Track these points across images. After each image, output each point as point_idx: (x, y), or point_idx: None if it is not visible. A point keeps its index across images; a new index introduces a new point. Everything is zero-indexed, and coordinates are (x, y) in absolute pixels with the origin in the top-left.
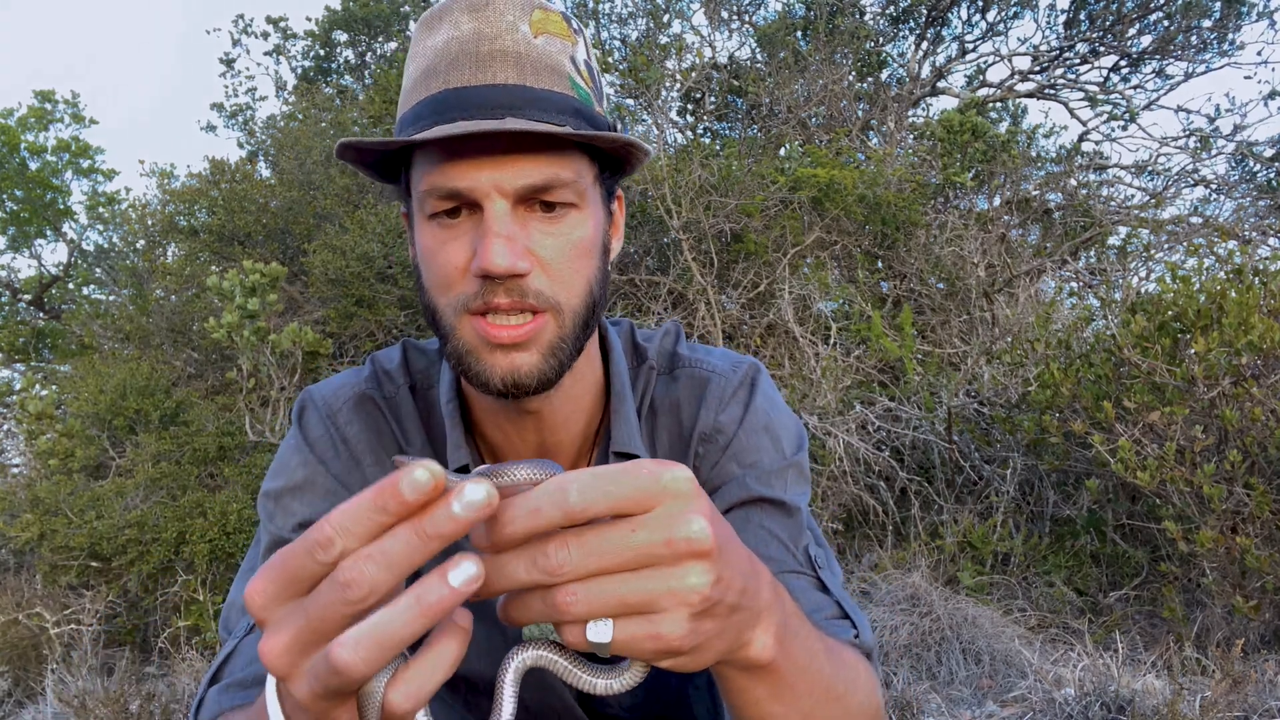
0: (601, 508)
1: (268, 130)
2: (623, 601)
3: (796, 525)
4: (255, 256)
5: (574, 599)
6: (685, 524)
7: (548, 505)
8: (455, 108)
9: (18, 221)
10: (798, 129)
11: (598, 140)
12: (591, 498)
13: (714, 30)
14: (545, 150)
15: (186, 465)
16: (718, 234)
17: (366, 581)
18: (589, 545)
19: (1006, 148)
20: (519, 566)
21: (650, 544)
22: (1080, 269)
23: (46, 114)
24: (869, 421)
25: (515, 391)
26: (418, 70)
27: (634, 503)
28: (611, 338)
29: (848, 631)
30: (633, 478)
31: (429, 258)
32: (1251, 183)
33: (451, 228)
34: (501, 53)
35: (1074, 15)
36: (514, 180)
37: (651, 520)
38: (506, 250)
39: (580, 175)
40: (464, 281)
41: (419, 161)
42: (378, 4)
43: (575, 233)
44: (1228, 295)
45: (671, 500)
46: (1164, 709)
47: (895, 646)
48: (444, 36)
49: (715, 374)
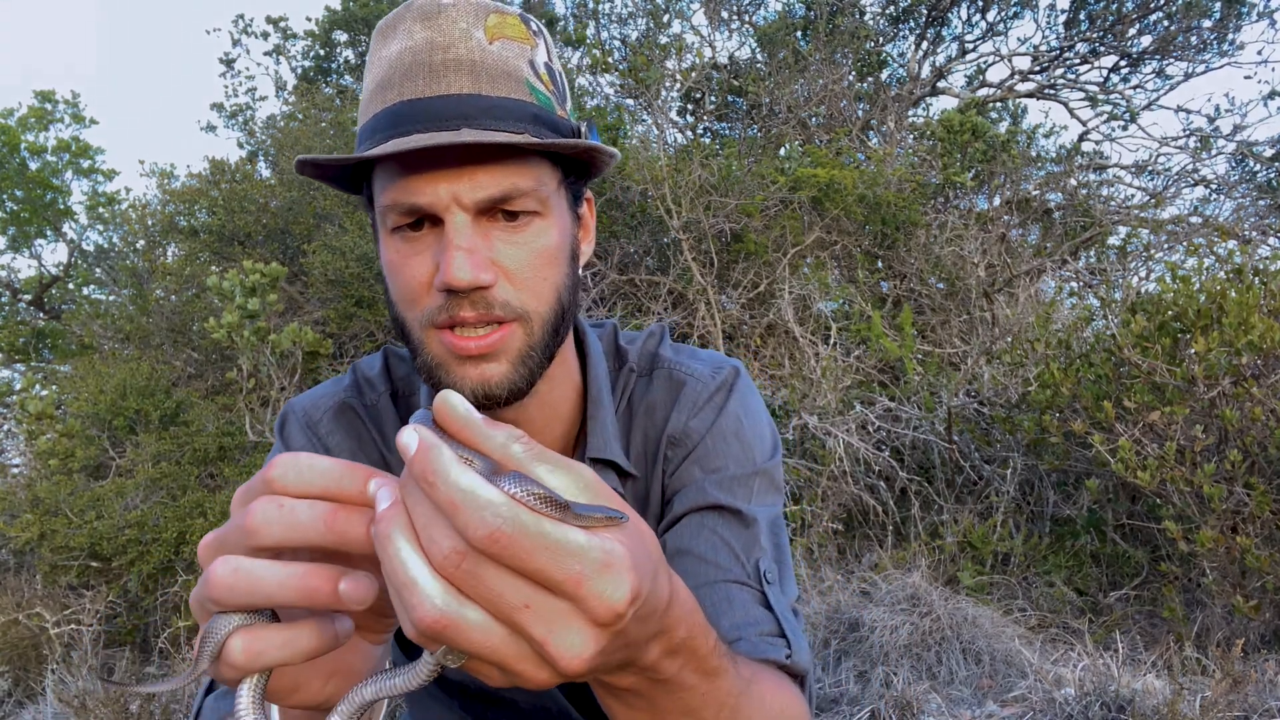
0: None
1: (268, 130)
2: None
3: (751, 536)
4: (255, 256)
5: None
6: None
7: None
8: (410, 120)
9: (18, 221)
10: (798, 129)
11: (556, 148)
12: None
13: (714, 30)
14: (503, 160)
15: (186, 465)
16: (718, 234)
17: (259, 518)
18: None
19: (1006, 148)
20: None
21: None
22: (1080, 269)
23: (46, 114)
24: (869, 421)
25: (487, 402)
26: (373, 81)
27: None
28: (590, 341)
29: (780, 651)
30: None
31: (393, 273)
32: (1251, 183)
33: (414, 240)
34: (455, 61)
35: (1074, 15)
36: (473, 193)
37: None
38: (468, 264)
39: (542, 183)
40: (429, 296)
41: (378, 175)
42: (378, 4)
43: (539, 241)
44: (1228, 295)
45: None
46: (1164, 709)
47: (895, 646)
48: (398, 47)
49: (692, 377)
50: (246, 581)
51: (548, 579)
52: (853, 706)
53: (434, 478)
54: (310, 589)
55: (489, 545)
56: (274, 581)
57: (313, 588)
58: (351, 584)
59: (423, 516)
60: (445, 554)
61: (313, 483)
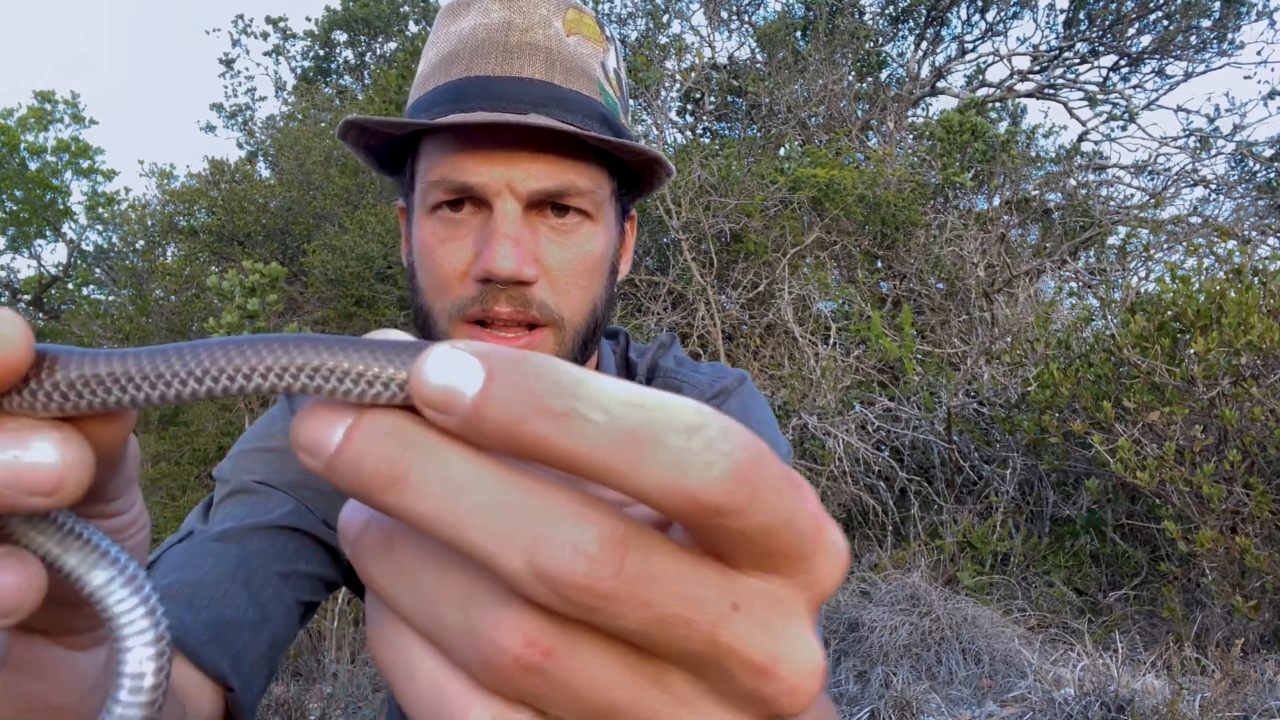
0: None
1: (267, 130)
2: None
3: None
4: (255, 256)
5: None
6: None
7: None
8: (475, 97)
9: (17, 222)
10: (797, 129)
11: (623, 150)
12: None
13: (713, 30)
14: (565, 154)
15: (186, 465)
16: (717, 234)
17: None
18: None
19: (1006, 148)
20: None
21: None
22: (1080, 269)
23: (46, 114)
24: (869, 421)
25: None
26: (438, 55)
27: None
28: (604, 353)
29: None
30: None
31: (426, 255)
32: (1251, 183)
33: (454, 223)
34: (531, 46)
35: (1073, 15)
36: (527, 181)
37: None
38: (514, 254)
39: (598, 185)
40: (462, 285)
41: (428, 149)
42: (378, 4)
43: (586, 246)
44: (1227, 295)
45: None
46: (1164, 709)
47: (895, 646)
48: (471, 23)
49: (688, 385)
50: None
51: (779, 544)
52: (852, 706)
53: (557, 399)
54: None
55: (721, 495)
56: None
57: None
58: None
59: (515, 493)
60: (587, 551)
61: None
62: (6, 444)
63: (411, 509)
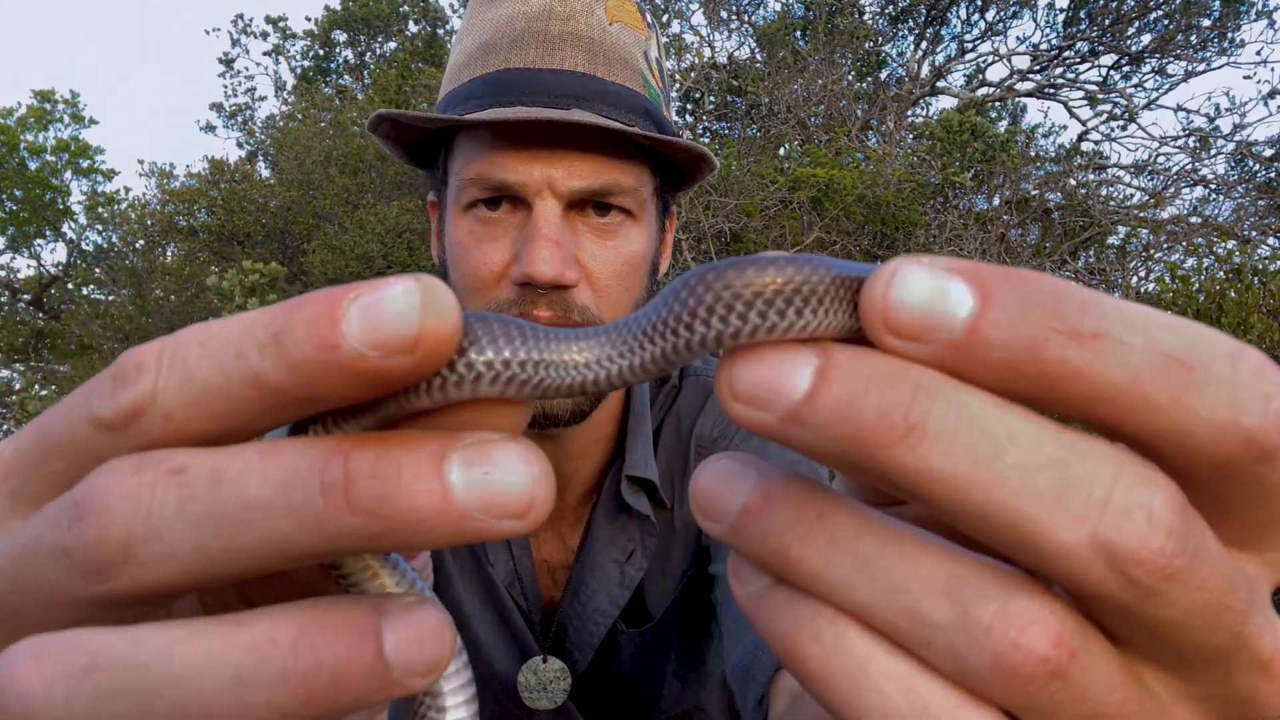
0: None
1: (267, 130)
2: None
3: None
4: (255, 256)
5: None
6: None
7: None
8: (515, 90)
9: (17, 221)
10: (797, 129)
11: (670, 147)
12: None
13: (713, 30)
14: (608, 151)
15: None
16: (717, 234)
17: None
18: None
19: (1006, 147)
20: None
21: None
22: (1080, 269)
23: (46, 114)
24: None
25: (544, 422)
26: (474, 44)
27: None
28: None
29: None
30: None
31: (460, 255)
32: (1251, 183)
33: (490, 222)
34: (573, 36)
35: (1073, 14)
36: (568, 180)
37: None
38: (555, 258)
39: (642, 183)
40: (499, 287)
41: (463, 145)
42: (377, 4)
43: (628, 246)
44: (1227, 295)
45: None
46: None
47: None
48: (509, 10)
49: None
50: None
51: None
52: None
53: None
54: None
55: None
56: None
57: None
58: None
59: (1062, 446)
60: (1163, 520)
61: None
62: (472, 459)
63: (928, 468)
